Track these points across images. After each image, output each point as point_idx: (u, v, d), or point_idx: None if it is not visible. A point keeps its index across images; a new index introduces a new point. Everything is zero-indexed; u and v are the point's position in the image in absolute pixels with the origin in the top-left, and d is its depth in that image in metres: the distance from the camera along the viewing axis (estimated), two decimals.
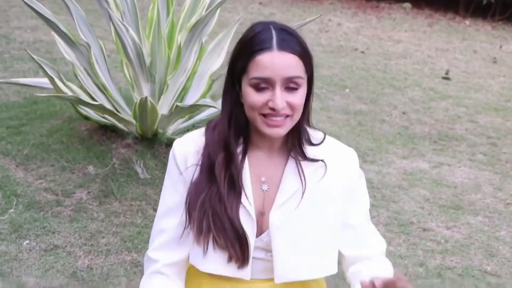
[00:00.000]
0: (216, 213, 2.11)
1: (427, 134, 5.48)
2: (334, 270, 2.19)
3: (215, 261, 2.16)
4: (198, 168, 2.17)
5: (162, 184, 3.76)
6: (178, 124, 4.27)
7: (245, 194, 2.18)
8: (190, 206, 2.11)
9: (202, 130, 2.20)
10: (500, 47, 7.71)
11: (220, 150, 2.14)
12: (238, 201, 2.15)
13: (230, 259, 2.14)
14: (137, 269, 3.40)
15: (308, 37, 7.06)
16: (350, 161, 2.27)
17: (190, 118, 4.30)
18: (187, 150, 2.18)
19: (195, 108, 4.05)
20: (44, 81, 4.11)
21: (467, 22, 7.88)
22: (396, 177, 4.69)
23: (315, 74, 2.14)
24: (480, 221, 4.20)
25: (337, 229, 2.24)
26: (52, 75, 3.87)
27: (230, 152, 2.15)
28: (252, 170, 2.17)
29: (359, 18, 8.08)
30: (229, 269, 2.17)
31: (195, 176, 2.15)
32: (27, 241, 3.52)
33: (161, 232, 2.16)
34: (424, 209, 4.30)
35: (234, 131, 2.16)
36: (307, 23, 4.60)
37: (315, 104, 4.72)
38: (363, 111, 5.76)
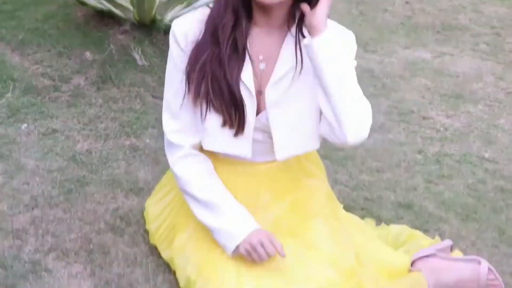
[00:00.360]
0: (215, 77, 2.21)
1: (430, 24, 5.42)
2: (318, 145, 2.40)
3: (212, 129, 2.28)
4: (200, 35, 2.24)
5: (160, 71, 3.73)
6: (177, 10, 4.19)
7: (245, 72, 2.24)
8: (190, 68, 2.22)
9: (198, 12, 2.29)
10: None
11: (227, 12, 2.18)
12: (240, 67, 2.23)
13: (224, 123, 2.24)
14: (136, 153, 3.41)
15: None
16: (348, 44, 2.33)
17: (188, 4, 4.17)
18: (187, 27, 2.26)
19: None
20: None
21: None
22: (397, 66, 4.67)
23: None
24: (480, 110, 4.24)
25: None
26: None
27: (238, 15, 2.19)
28: (251, 48, 2.23)
29: None
30: (226, 142, 2.30)
31: (198, 40, 2.23)
32: (25, 125, 3.50)
33: (176, 116, 2.30)
34: (425, 98, 4.31)
35: (234, 4, 2.19)
36: None
37: None
38: (365, 0, 5.71)
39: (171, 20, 4.12)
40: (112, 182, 3.10)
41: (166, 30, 4.11)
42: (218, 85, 2.23)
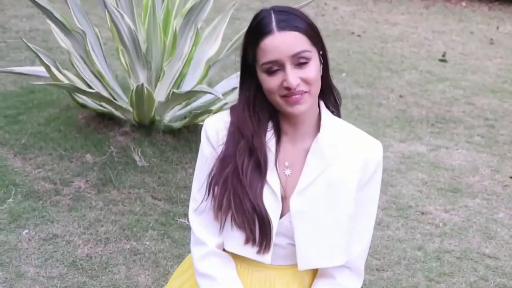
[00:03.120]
0: (237, 192, 2.14)
1: (425, 117, 5.50)
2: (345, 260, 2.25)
3: (234, 241, 2.20)
4: (224, 147, 2.22)
5: (159, 171, 4.13)
6: (175, 111, 4.29)
7: (271, 177, 2.19)
8: (213, 180, 2.15)
9: (228, 111, 2.27)
10: (497, 28, 7.74)
11: (240, 135, 2.16)
12: (263, 183, 2.16)
13: (247, 240, 2.14)
14: (136, 257, 3.39)
15: None
16: (375, 152, 2.30)
17: (187, 104, 4.33)
18: (218, 126, 2.19)
19: (192, 95, 4.07)
20: (40, 70, 4.12)
21: (464, 3, 7.94)
22: (394, 160, 4.73)
23: None
24: (478, 204, 4.21)
25: (351, 217, 2.30)
26: (48, 64, 3.88)
27: (253, 138, 2.17)
28: (277, 155, 2.20)
29: (355, 2, 8.20)
30: (249, 251, 2.19)
31: (223, 151, 2.22)
32: (26, 231, 3.50)
33: (201, 212, 2.21)
34: (422, 192, 4.32)
35: (260, 116, 2.17)
36: (302, 7, 4.44)
37: None
38: (360, 95, 5.76)
39: (170, 121, 4.12)
40: None
41: (165, 130, 4.25)
42: (239, 200, 2.17)
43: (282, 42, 2.04)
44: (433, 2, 8.03)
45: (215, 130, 2.25)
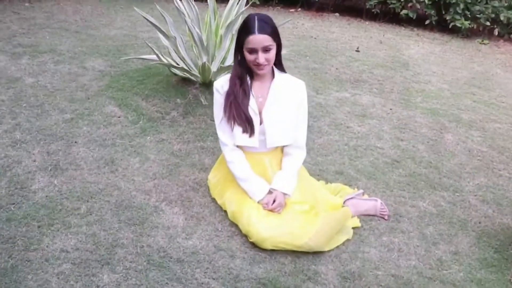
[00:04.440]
0: (237, 109, 2.95)
1: (348, 79, 6.53)
2: (292, 141, 3.03)
3: (238, 134, 2.96)
4: (227, 88, 2.96)
5: (213, 107, 3.72)
6: (222, 76, 4.25)
7: (251, 101, 2.97)
8: (225, 106, 3.00)
9: (227, 75, 3.06)
10: (383, 35, 9.29)
11: (236, 79, 2.99)
12: (248, 102, 2.95)
13: (243, 131, 2.96)
14: (202, 150, 4.18)
15: (286, 30, 8.49)
16: (302, 86, 3.08)
17: (228, 72, 4.49)
18: (222, 82, 3.06)
19: (229, 67, 4.45)
20: (154, 57, 4.76)
21: (367, 23, 9.89)
22: (332, 101, 5.65)
23: (292, 49, 3.62)
24: (375, 122, 5.21)
25: (295, 120, 3.05)
26: (157, 53, 4.54)
27: (244, 78, 2.96)
28: (254, 91, 3.02)
29: (313, 21, 9.60)
30: (245, 140, 3.00)
31: (226, 91, 2.97)
32: (149, 137, 4.31)
33: (223, 131, 3.09)
34: (347, 117, 5.26)
35: (243, 71, 2.95)
36: (284, 24, 5.18)
37: (291, 64, 6.58)
38: (316, 67, 6.85)
39: None
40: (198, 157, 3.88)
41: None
42: (238, 113, 2.94)
43: (258, 39, 2.78)
44: (352, 22, 9.97)
45: (221, 85, 3.03)
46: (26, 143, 3.89)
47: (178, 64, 4.77)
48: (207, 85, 4.86)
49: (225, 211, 3.26)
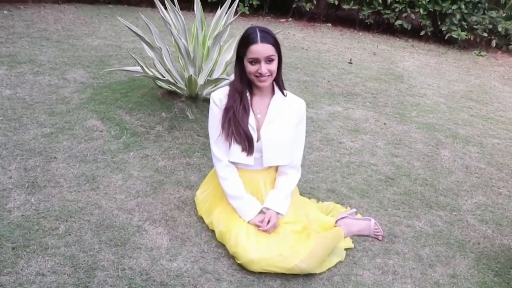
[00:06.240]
0: (236, 125, 2.90)
1: (341, 92, 6.55)
2: (288, 162, 3.04)
3: (235, 152, 2.95)
4: (226, 102, 2.91)
5: (201, 121, 4.54)
6: (209, 89, 4.92)
7: (251, 117, 2.94)
8: (223, 122, 2.94)
9: (225, 88, 3.01)
10: (377, 46, 9.39)
11: (236, 94, 2.92)
12: (248, 118, 2.93)
13: (242, 150, 2.95)
14: (189, 167, 4.19)
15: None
16: (302, 105, 3.11)
17: (215, 86, 4.87)
18: (221, 95, 3.00)
19: (217, 80, 4.63)
20: (138, 69, 4.84)
21: (360, 33, 9.92)
22: (324, 115, 5.66)
23: (283, 60, 2.93)
24: (368, 137, 5.26)
25: (293, 140, 3.04)
26: (142, 65, 4.63)
27: (243, 93, 2.90)
28: (253, 106, 3.00)
29: (304, 32, 9.67)
30: (242, 158, 2.99)
31: (225, 106, 2.92)
32: (132, 153, 4.29)
33: (216, 144, 3.02)
34: (340, 132, 5.31)
35: (244, 86, 2.92)
36: (276, 33, 4.10)
37: None
38: (306, 80, 6.88)
39: (206, 94, 4.88)
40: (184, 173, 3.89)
41: (204, 99, 4.90)
42: (237, 130, 2.92)
43: (261, 49, 2.79)
44: (344, 33, 10.05)
45: (219, 98, 2.97)
46: (2, 158, 3.87)
47: (164, 76, 4.79)
48: (194, 99, 4.91)
49: (212, 231, 3.27)
